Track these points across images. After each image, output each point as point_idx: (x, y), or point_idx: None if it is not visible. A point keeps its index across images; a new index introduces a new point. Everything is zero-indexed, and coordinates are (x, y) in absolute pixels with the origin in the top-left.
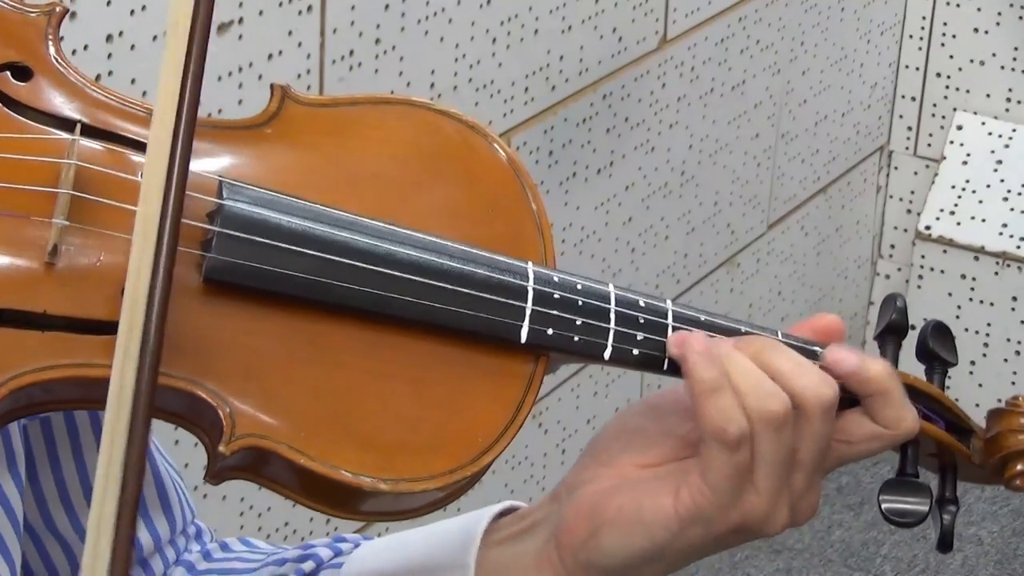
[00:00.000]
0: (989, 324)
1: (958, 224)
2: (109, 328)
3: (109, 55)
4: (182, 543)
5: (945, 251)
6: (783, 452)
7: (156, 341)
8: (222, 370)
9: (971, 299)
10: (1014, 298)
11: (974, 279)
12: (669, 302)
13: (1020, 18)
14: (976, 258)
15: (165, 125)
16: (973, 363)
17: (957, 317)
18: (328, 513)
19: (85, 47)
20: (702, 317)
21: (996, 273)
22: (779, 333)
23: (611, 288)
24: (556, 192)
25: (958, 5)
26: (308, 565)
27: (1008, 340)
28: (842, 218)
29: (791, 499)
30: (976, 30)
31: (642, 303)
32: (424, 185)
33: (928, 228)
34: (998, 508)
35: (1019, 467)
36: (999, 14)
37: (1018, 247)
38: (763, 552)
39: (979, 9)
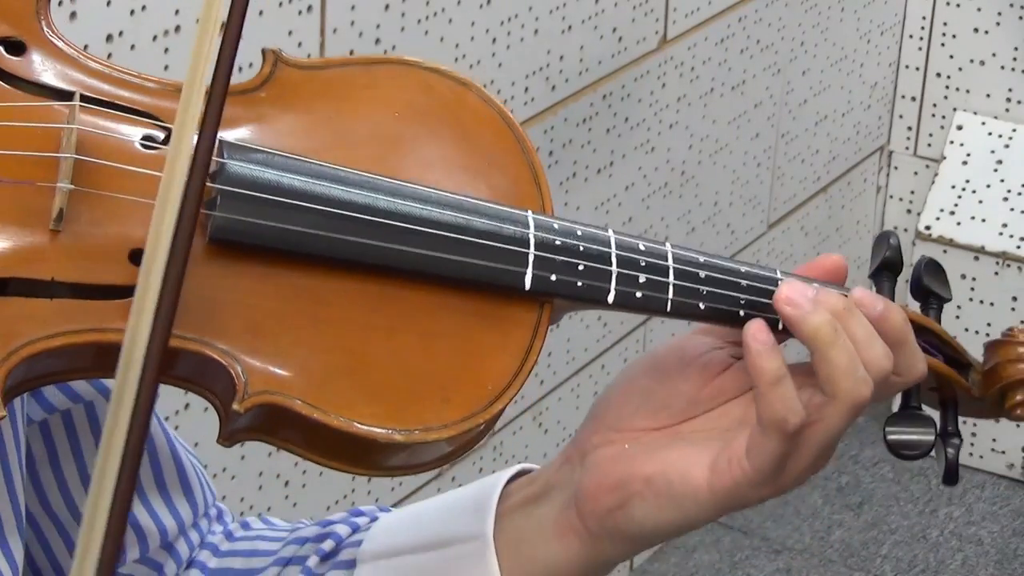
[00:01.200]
0: (989, 324)
1: (958, 224)
2: (118, 292)
3: (109, 55)
4: (205, 526)
5: (945, 251)
6: (843, 429)
7: (170, 303)
8: (231, 329)
9: (971, 299)
10: (1014, 298)
11: (974, 279)
12: (668, 244)
13: (1020, 18)
14: (976, 258)
15: (198, 88)
16: None
17: (957, 317)
18: (343, 470)
19: (85, 47)
20: (701, 258)
21: (996, 273)
22: (777, 271)
23: (610, 232)
24: (556, 192)
25: (958, 5)
26: (328, 544)
27: None
28: (842, 218)
29: (820, 459)
30: (976, 30)
31: (642, 246)
32: (420, 142)
33: (928, 228)
34: (998, 508)
35: (1019, 396)
36: (999, 14)
37: (1018, 247)
38: (763, 552)
39: (979, 9)
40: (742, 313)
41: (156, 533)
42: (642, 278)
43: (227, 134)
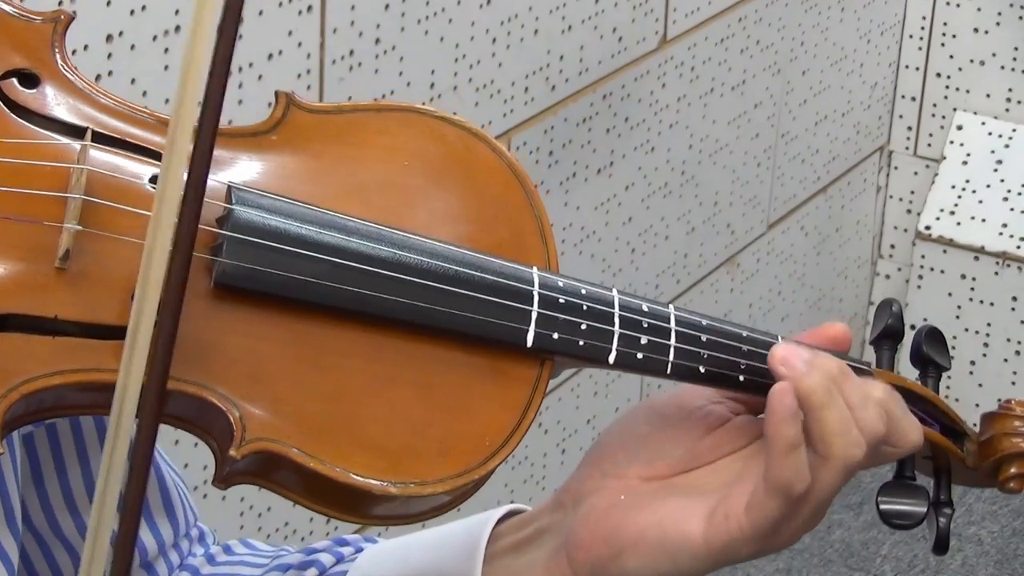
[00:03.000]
0: (989, 324)
1: (958, 224)
2: (121, 333)
3: (109, 55)
4: (185, 546)
5: (945, 251)
6: (837, 489)
7: (166, 346)
8: (232, 375)
9: (971, 299)
10: (1014, 298)
11: (974, 279)
12: (672, 307)
13: (1020, 18)
14: (976, 258)
15: (184, 127)
16: (973, 363)
17: (957, 317)
18: (336, 518)
19: (85, 47)
20: (704, 322)
21: (996, 273)
22: (779, 338)
23: (615, 293)
24: (556, 192)
25: (958, 5)
26: (311, 573)
27: (1008, 340)
28: (842, 218)
29: (814, 519)
30: (976, 30)
31: (645, 307)
32: (429, 191)
33: (928, 228)
34: (998, 508)
35: (1013, 470)
36: (999, 14)
37: (1018, 247)
38: None
39: (979, 9)
40: (742, 378)
41: (136, 552)
42: (644, 340)
43: (237, 177)
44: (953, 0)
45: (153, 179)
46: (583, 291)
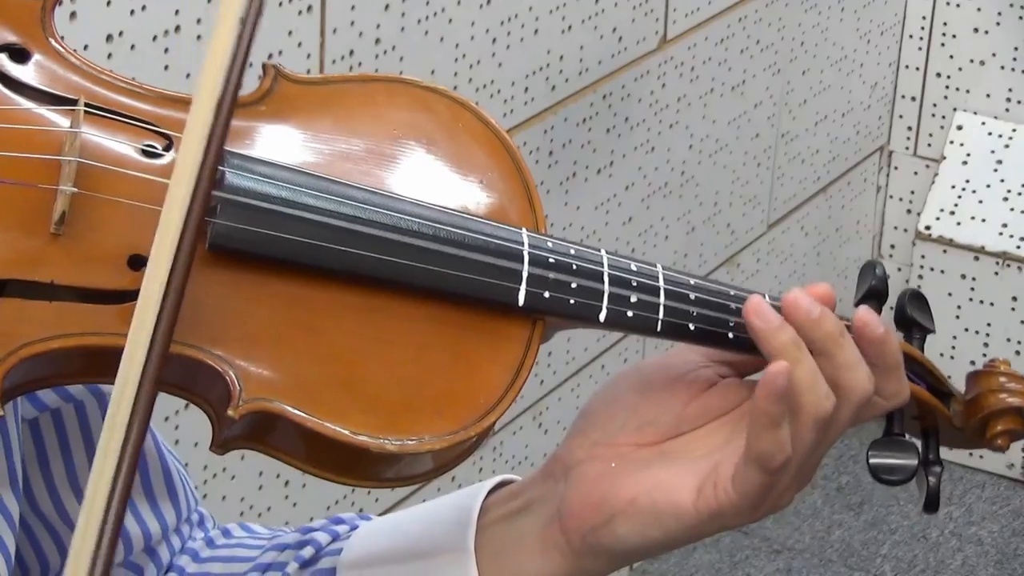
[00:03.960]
0: (989, 324)
1: (958, 224)
2: (117, 297)
3: (109, 55)
4: (186, 531)
5: (945, 251)
6: (817, 447)
7: (172, 311)
8: (228, 337)
9: (971, 299)
10: (1014, 298)
11: (974, 279)
12: (659, 266)
13: (1020, 18)
14: (976, 258)
15: (210, 96)
16: (973, 363)
17: (957, 317)
18: (333, 480)
19: (85, 47)
20: (692, 280)
21: (996, 273)
22: (766, 296)
23: (603, 252)
24: (556, 192)
25: (958, 5)
26: (307, 551)
27: (1008, 340)
28: (842, 218)
29: (801, 479)
30: (976, 30)
31: (634, 267)
32: (416, 158)
33: (928, 228)
34: (998, 508)
35: (999, 427)
36: (999, 14)
37: (1018, 247)
38: (763, 552)
39: (979, 9)
40: (731, 335)
41: (140, 536)
42: (633, 298)
43: (228, 145)
44: (953, 0)
45: (146, 146)
46: (572, 250)
